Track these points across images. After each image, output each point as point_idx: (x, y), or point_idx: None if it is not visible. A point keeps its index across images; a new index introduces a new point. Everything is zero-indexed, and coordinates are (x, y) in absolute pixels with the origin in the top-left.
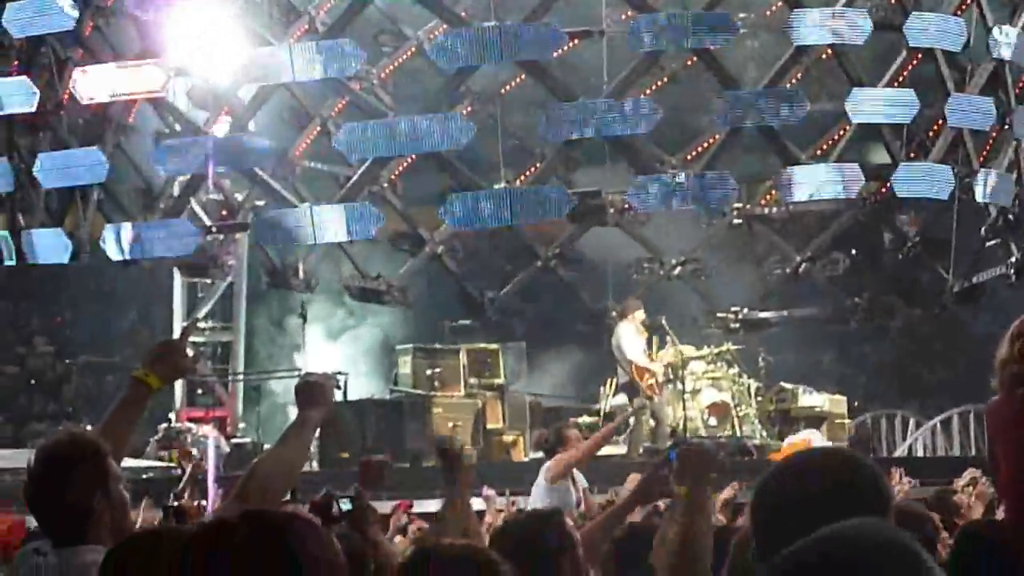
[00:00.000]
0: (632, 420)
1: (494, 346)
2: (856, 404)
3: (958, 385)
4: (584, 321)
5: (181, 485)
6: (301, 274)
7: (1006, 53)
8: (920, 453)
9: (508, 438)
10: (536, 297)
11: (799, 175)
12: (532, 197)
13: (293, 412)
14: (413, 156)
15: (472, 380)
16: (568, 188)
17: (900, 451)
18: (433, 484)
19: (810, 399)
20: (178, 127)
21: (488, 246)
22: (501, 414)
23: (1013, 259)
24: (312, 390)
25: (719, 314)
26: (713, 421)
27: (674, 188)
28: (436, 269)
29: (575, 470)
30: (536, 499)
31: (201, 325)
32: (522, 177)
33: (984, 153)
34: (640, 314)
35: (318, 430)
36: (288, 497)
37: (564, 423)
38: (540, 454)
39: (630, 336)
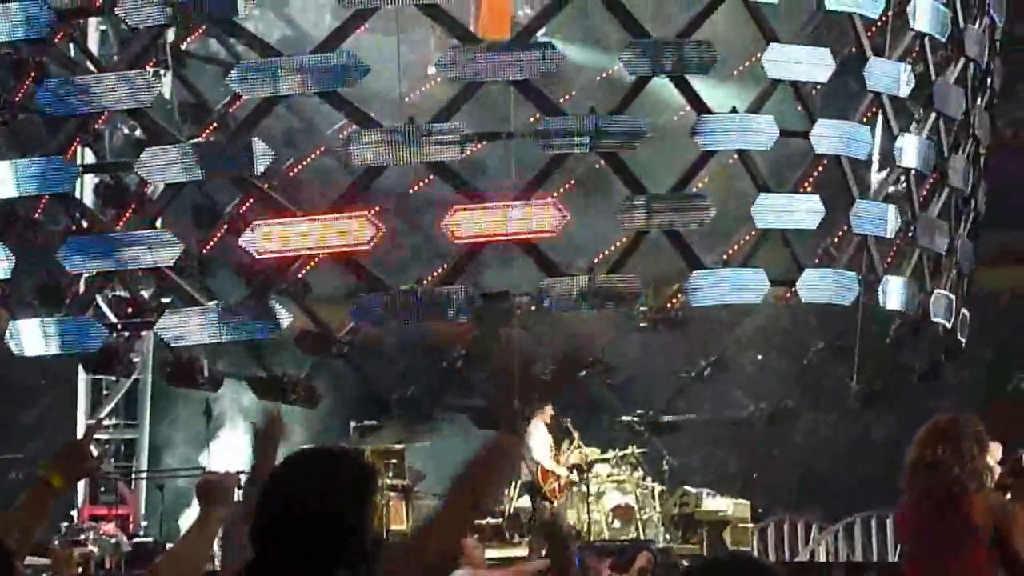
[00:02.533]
0: (536, 522)
1: (399, 446)
2: (760, 509)
3: (862, 489)
4: (490, 418)
5: None
6: (206, 372)
7: (909, 161)
8: (823, 558)
9: None
10: (443, 397)
11: (704, 279)
12: (439, 298)
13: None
14: (321, 255)
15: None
16: (475, 289)
17: (803, 556)
18: None
19: (714, 503)
20: (84, 223)
21: (396, 345)
22: (405, 515)
23: (916, 364)
24: (212, 489)
25: (624, 417)
26: (617, 524)
27: (580, 290)
28: (342, 368)
29: None
30: None
31: (105, 422)
32: (431, 276)
33: (889, 260)
34: (549, 410)
35: (220, 529)
36: None
37: None
38: None
39: (540, 436)
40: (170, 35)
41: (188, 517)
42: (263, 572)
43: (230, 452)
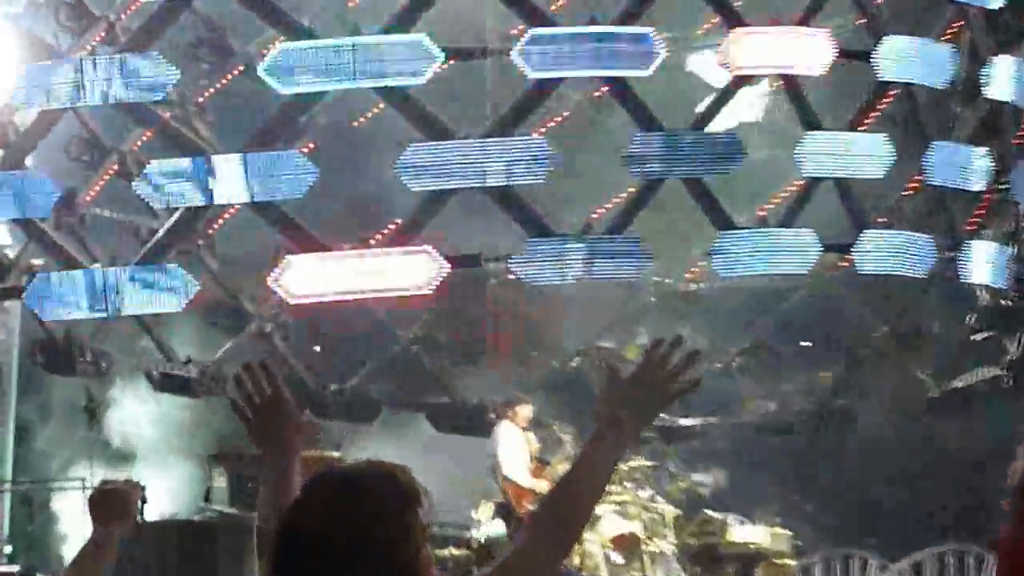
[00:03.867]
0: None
1: (336, 453)
2: (802, 540)
3: (933, 517)
4: (455, 420)
5: None
6: (89, 355)
7: (1003, 91)
8: None
9: None
10: (395, 388)
11: (736, 243)
12: (391, 263)
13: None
14: (236, 207)
15: None
16: (437, 252)
17: None
18: None
19: (743, 532)
20: None
21: (332, 324)
22: None
23: (1008, 358)
24: (110, 501)
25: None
26: (618, 558)
27: (572, 255)
28: (264, 352)
29: None
30: None
31: None
32: (378, 236)
33: (974, 220)
34: (526, 411)
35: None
36: None
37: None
38: None
39: (510, 442)
40: None
41: (70, 541)
42: None
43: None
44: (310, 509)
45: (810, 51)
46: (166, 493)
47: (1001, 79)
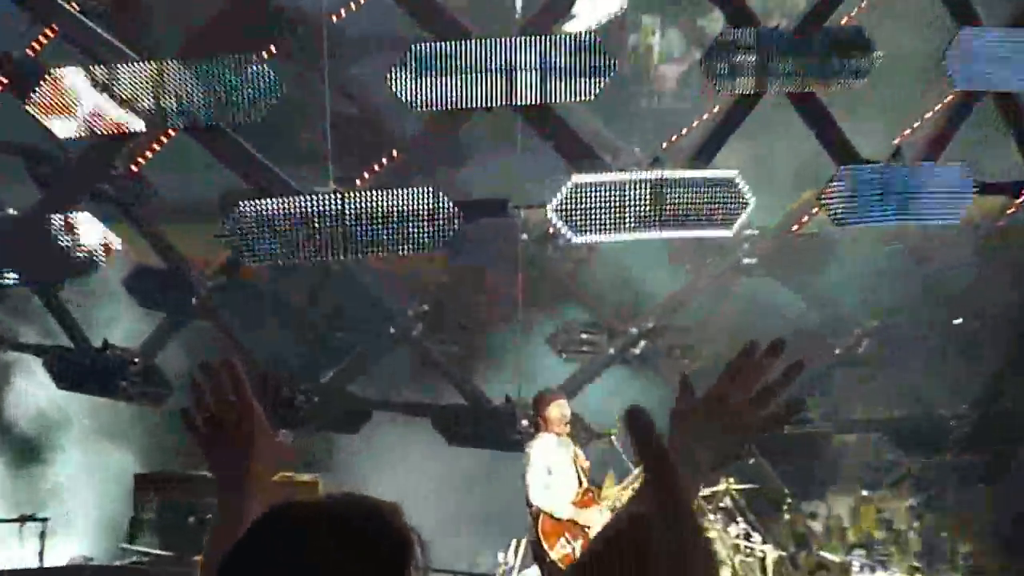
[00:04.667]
0: None
1: (307, 477)
2: None
3: None
4: (471, 426)
5: None
6: None
7: None
8: None
9: None
10: (389, 386)
11: (859, 180)
12: (384, 212)
13: None
14: (172, 131)
15: None
16: (448, 195)
17: None
18: None
19: None
20: None
21: (304, 294)
22: None
23: None
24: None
25: None
26: None
27: (636, 197)
28: (209, 332)
29: None
30: None
31: None
32: (366, 175)
33: None
34: (557, 411)
35: None
36: None
37: None
38: None
39: (543, 457)
40: None
41: None
42: None
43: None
44: (253, 560)
45: None
46: (73, 529)
47: None
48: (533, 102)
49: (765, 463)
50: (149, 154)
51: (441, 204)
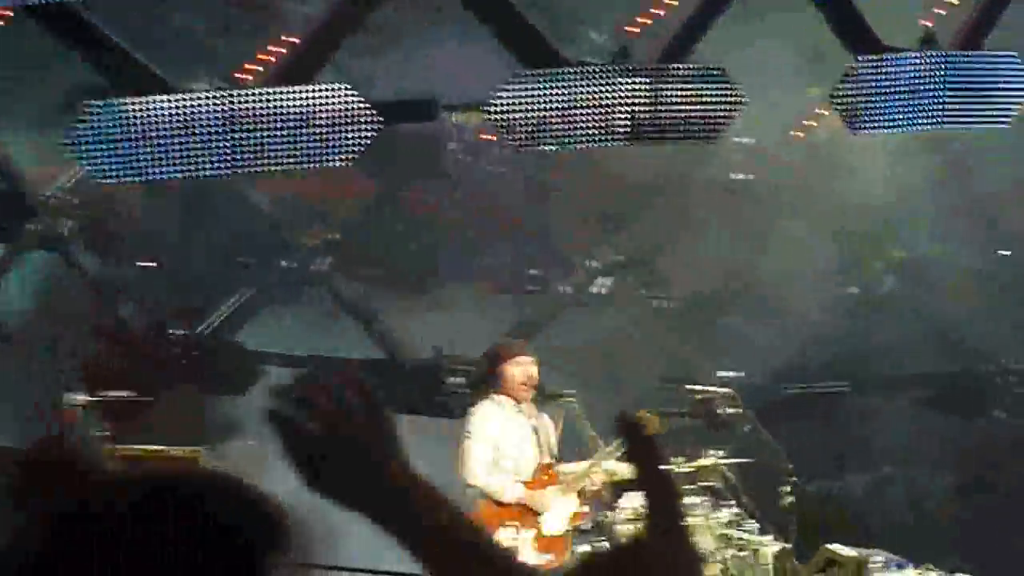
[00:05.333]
0: None
1: (184, 450)
2: None
3: None
4: (391, 384)
5: None
6: None
7: None
8: None
9: None
10: (286, 335)
11: (876, 72)
12: (280, 115)
13: None
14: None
15: None
16: (360, 95)
17: None
18: None
19: None
20: None
21: (178, 221)
22: None
23: None
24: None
25: (696, 386)
26: None
27: (598, 98)
28: (62, 269)
29: None
30: None
31: None
32: (258, 68)
33: None
34: (524, 372)
35: None
36: None
37: None
38: None
39: (489, 427)
40: None
41: None
42: None
43: None
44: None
45: None
46: None
47: None
48: None
49: (764, 431)
50: None
51: (352, 106)
